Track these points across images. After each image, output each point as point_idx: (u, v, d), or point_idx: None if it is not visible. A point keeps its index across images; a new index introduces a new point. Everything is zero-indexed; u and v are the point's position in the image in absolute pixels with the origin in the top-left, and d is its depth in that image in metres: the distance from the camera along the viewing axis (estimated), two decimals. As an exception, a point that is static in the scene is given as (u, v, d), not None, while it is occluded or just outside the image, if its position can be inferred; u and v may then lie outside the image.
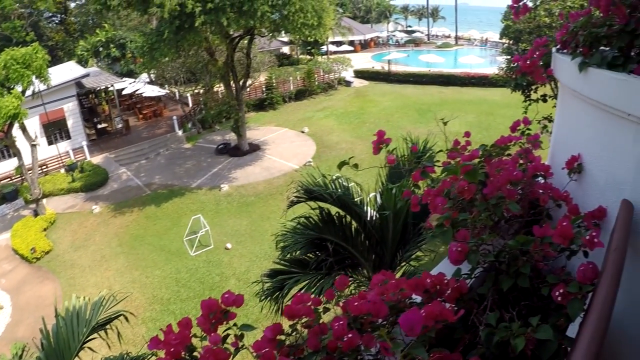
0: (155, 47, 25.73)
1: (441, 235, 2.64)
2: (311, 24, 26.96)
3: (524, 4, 3.70)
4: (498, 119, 37.79)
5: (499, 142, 3.53)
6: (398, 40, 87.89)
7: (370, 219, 9.15)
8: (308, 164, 31.27)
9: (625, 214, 2.47)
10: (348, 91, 51.86)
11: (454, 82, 51.93)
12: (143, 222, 25.70)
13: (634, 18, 2.84)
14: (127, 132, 38.59)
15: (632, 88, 2.47)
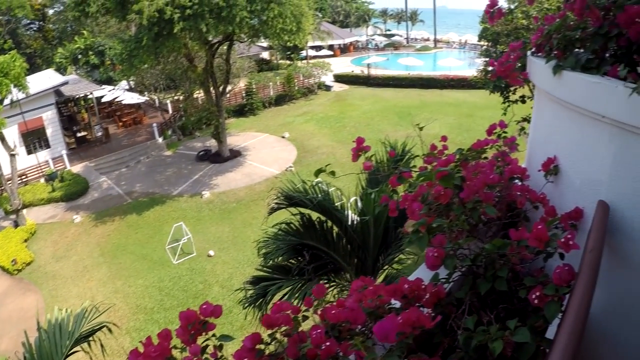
0: (134, 54, 25.59)
1: (417, 241, 2.64)
2: (290, 29, 26.99)
3: (498, 8, 3.74)
4: (478, 120, 38.07)
5: (475, 145, 3.55)
6: (377, 44, 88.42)
7: (351, 224, 9.17)
8: (289, 169, 31.24)
9: (601, 214, 2.49)
10: (328, 95, 51.95)
11: (433, 84, 52.30)
12: (125, 231, 25.49)
13: (608, 20, 2.88)
14: (107, 140, 38.24)
15: (606, 90, 2.50)
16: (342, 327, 2.24)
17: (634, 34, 2.61)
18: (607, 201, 2.61)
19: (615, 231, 2.57)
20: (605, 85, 2.51)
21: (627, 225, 2.53)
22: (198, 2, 23.37)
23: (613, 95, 2.42)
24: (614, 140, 2.54)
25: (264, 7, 25.30)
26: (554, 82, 2.96)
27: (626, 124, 2.40)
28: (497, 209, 3.03)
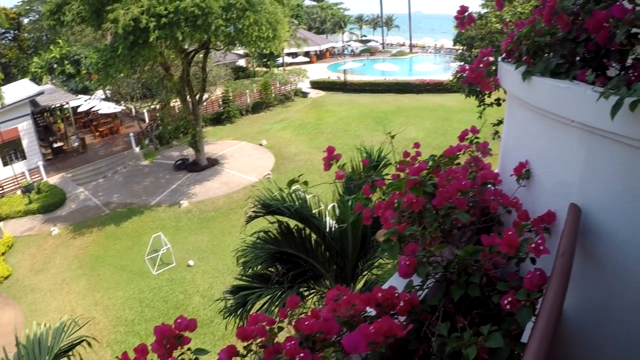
0: (109, 63, 25.40)
1: (389, 250, 2.65)
2: (266, 37, 26.99)
3: (468, 15, 3.77)
4: (454, 124, 38.41)
5: (447, 152, 3.58)
6: (353, 50, 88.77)
7: (329, 230, 9.18)
8: (267, 177, 31.22)
9: (573, 217, 2.52)
10: (305, 102, 52.01)
11: (409, 89, 52.68)
12: (103, 243, 25.24)
13: (576, 26, 2.92)
14: (84, 151, 37.82)
15: (574, 95, 2.53)
16: (316, 337, 2.24)
17: (602, 39, 2.65)
18: (579, 204, 2.64)
19: (587, 233, 2.61)
20: (573, 90, 2.55)
21: (598, 227, 2.57)
22: (173, 11, 23.29)
23: (581, 100, 2.46)
24: (583, 144, 2.58)
25: (239, 15, 25.28)
26: (523, 87, 3.00)
27: (595, 127, 2.43)
28: (471, 214, 3.06)
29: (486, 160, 3.65)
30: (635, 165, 2.38)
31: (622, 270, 2.49)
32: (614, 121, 2.21)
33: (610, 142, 2.42)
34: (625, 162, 2.42)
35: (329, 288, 9.41)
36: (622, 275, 2.49)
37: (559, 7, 2.97)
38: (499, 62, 3.65)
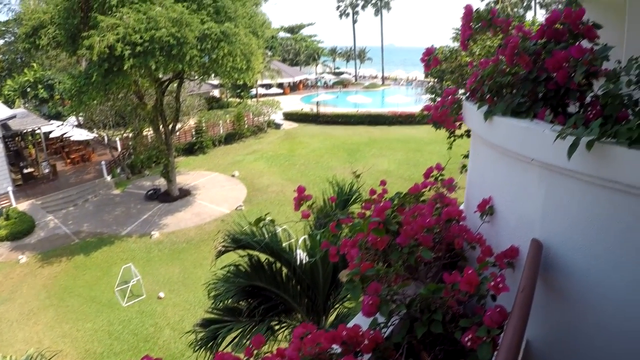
0: (83, 90, 25.25)
1: (351, 290, 2.69)
2: (240, 68, 27.10)
3: (434, 57, 3.88)
4: (426, 155, 38.84)
5: (412, 190, 3.63)
6: (326, 82, 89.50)
7: (300, 264, 9.17)
8: (239, 208, 31.10)
9: (534, 252, 2.59)
10: (278, 134, 52.14)
11: (381, 121, 53.27)
12: (72, 272, 24.76)
13: (537, 65, 3.02)
14: (55, 178, 37.18)
15: (533, 135, 2.62)
16: (280, 376, 2.24)
17: (561, 78, 2.75)
18: (541, 239, 2.71)
19: (549, 267, 2.68)
20: (532, 129, 2.64)
21: (560, 261, 2.64)
22: (149, 40, 23.31)
23: (540, 139, 2.55)
24: (543, 181, 2.66)
25: (214, 45, 25.39)
26: (486, 126, 3.09)
27: (554, 165, 2.52)
28: (436, 250, 3.11)
29: (454, 194, 3.71)
30: (592, 200, 2.47)
31: (584, 301, 2.56)
32: (571, 159, 2.29)
33: (568, 179, 2.51)
34: (583, 198, 2.51)
35: (300, 321, 9.38)
36: (584, 306, 2.57)
37: (521, 47, 3.08)
38: (464, 101, 3.75)
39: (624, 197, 2.32)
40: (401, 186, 18.25)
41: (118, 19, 23.35)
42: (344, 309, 9.75)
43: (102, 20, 23.20)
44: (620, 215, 2.38)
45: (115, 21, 23.18)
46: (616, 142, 2.25)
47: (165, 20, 23.50)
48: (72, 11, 25.56)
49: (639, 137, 2.19)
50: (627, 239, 2.37)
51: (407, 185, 3.70)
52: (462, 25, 3.89)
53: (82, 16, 25.64)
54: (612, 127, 2.29)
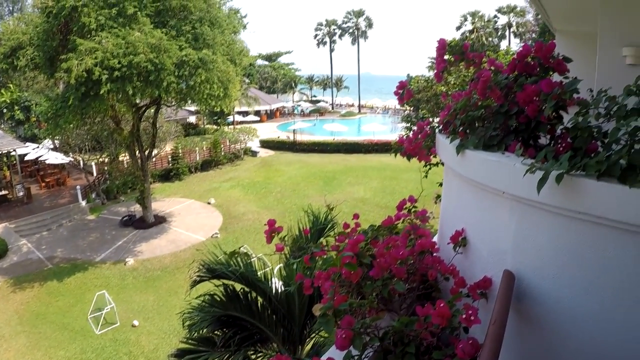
0: (59, 113, 25.09)
1: (324, 325, 2.69)
2: (217, 95, 27.14)
3: (407, 90, 3.94)
4: (402, 182, 39.08)
5: (385, 223, 3.66)
6: (303, 110, 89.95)
7: (275, 293, 9.13)
8: (215, 236, 30.94)
9: (506, 284, 2.62)
10: (254, 161, 52.14)
11: (358, 149, 53.63)
12: (45, 298, 24.30)
13: (509, 99, 3.08)
14: (29, 201, 36.62)
15: (504, 168, 2.67)
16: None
17: (532, 112, 2.81)
18: (513, 270, 2.75)
19: (522, 297, 2.72)
20: (503, 163, 2.69)
21: (533, 291, 2.68)
22: (127, 65, 23.25)
23: (511, 172, 2.60)
24: (514, 213, 2.71)
25: (191, 72, 25.41)
26: (458, 160, 3.14)
27: (524, 198, 2.57)
28: (410, 280, 3.13)
29: (431, 222, 3.75)
30: (562, 232, 2.52)
31: (557, 330, 2.60)
32: (541, 192, 2.34)
33: (539, 211, 2.56)
34: (553, 229, 2.56)
35: (276, 351, 9.31)
36: (557, 334, 2.61)
37: (493, 81, 3.14)
38: (437, 134, 3.80)
39: (594, 228, 2.37)
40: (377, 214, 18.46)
41: (97, 43, 23.31)
42: (320, 339, 9.69)
43: (81, 43, 23.13)
44: (590, 246, 2.43)
45: (94, 45, 23.13)
46: (585, 175, 2.30)
47: (143, 45, 23.51)
48: (52, 33, 25.49)
49: (607, 170, 2.24)
50: (598, 268, 2.42)
51: (384, 213, 3.74)
52: (436, 58, 3.97)
53: (61, 39, 25.61)
54: (581, 159, 2.34)
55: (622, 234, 2.29)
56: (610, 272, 2.39)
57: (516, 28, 74.13)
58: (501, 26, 77.66)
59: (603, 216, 2.30)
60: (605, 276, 2.41)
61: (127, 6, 24.26)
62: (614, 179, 2.24)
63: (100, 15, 23.99)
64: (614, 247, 2.36)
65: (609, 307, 2.42)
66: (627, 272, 2.34)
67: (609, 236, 2.35)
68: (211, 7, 27.87)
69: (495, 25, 78.08)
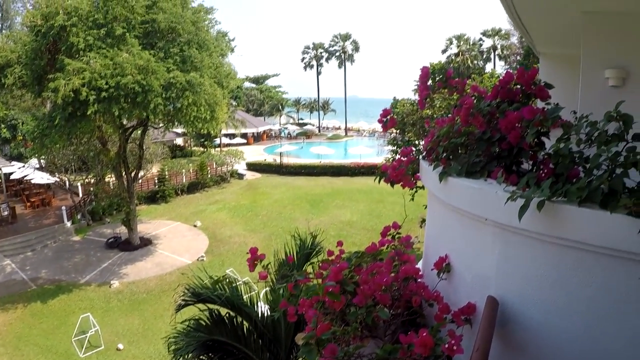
0: (46, 133, 24.93)
1: (307, 354, 2.69)
2: (204, 117, 27.16)
3: (390, 117, 3.97)
4: (388, 205, 39.10)
5: (369, 249, 3.67)
6: (290, 132, 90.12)
7: (262, 317, 9.06)
8: (200, 259, 30.73)
9: (489, 310, 2.63)
10: (241, 184, 52.01)
11: (344, 172, 53.63)
12: (28, 320, 23.93)
13: (491, 126, 3.12)
14: (13, 221, 36.20)
15: (486, 195, 2.70)
16: None
17: (514, 139, 2.84)
18: (496, 295, 2.77)
19: (506, 323, 2.73)
20: (485, 191, 2.72)
21: (517, 316, 2.70)
22: (114, 86, 23.19)
23: (493, 200, 2.63)
24: (497, 239, 2.73)
25: (179, 94, 25.40)
26: (441, 187, 3.17)
27: (506, 225, 2.58)
28: (395, 306, 3.13)
29: (417, 245, 3.76)
30: (545, 257, 2.55)
31: (541, 355, 2.63)
32: (523, 219, 2.36)
33: (521, 237, 2.59)
34: (536, 255, 2.59)
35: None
36: (540, 358, 2.60)
37: (475, 108, 3.18)
38: (420, 160, 3.83)
39: (577, 254, 2.41)
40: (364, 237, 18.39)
41: (85, 64, 23.26)
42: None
43: (69, 63, 23.09)
44: (573, 271, 2.47)
45: (82, 65, 23.09)
46: (567, 201, 2.32)
47: (131, 67, 23.50)
48: (40, 52, 25.43)
49: (588, 196, 2.27)
50: (581, 293, 2.45)
51: (370, 235, 3.74)
52: (419, 86, 4.02)
53: (49, 58, 25.55)
54: (563, 185, 2.37)
55: (604, 258, 2.33)
56: (593, 297, 2.42)
57: (501, 51, 74.79)
58: (486, 49, 78.39)
59: (585, 242, 2.33)
60: (589, 301, 2.44)
61: (115, 27, 24.28)
62: (595, 204, 2.27)
63: (88, 35, 23.98)
64: (597, 272, 2.39)
65: (593, 331, 2.44)
66: (610, 297, 2.37)
67: (592, 261, 2.38)
68: (199, 30, 27.95)
69: (481, 48, 78.89)
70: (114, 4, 24.21)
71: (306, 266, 9.36)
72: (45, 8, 24.70)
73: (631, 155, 2.28)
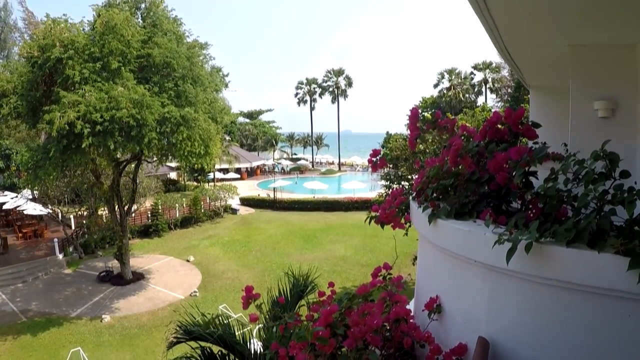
0: (40, 164, 24.87)
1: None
2: (198, 152, 27.25)
3: (380, 158, 4.01)
4: (382, 240, 38.98)
5: (359, 291, 3.67)
6: (284, 167, 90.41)
7: (255, 355, 8.96)
8: (193, 294, 30.48)
9: (480, 350, 2.64)
10: (234, 219, 51.89)
11: (338, 207, 53.64)
12: (17, 353, 23.52)
13: (480, 166, 3.15)
14: (5, 252, 35.91)
15: (475, 238, 2.73)
16: None
17: (502, 180, 2.87)
18: (487, 336, 2.77)
19: (497, 362, 2.72)
20: (474, 233, 2.74)
21: (507, 357, 2.71)
22: (109, 119, 23.25)
23: (481, 242, 2.66)
24: (486, 281, 2.75)
25: (173, 129, 25.48)
26: (430, 229, 3.20)
27: (495, 266, 2.60)
28: (387, 347, 3.12)
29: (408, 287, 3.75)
30: (534, 298, 2.57)
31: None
32: (511, 261, 2.38)
33: (510, 278, 2.61)
34: (525, 295, 2.61)
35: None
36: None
37: (464, 150, 3.22)
38: (410, 200, 3.85)
39: (566, 293, 2.44)
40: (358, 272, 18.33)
41: (80, 96, 23.32)
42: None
43: (64, 96, 23.17)
44: (563, 311, 2.48)
45: (77, 98, 23.15)
46: (555, 242, 2.35)
47: (126, 100, 23.60)
48: (36, 84, 25.49)
49: (576, 236, 2.29)
50: (571, 332, 2.46)
51: (364, 270, 3.73)
52: (409, 126, 4.07)
53: (45, 90, 25.61)
54: (551, 225, 2.39)
55: (594, 298, 2.35)
56: (583, 336, 2.44)
57: (492, 84, 75.53)
58: (477, 82, 79.32)
59: (575, 282, 2.35)
60: (579, 340, 2.45)
61: (111, 61, 24.44)
62: (583, 244, 2.29)
63: (84, 68, 24.10)
64: (587, 311, 2.41)
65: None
66: (599, 335, 2.39)
67: (582, 301, 2.40)
68: (194, 65, 28.17)
69: (472, 82, 79.82)
70: (110, 38, 24.39)
71: (299, 304, 9.31)
72: (42, 40, 24.93)
73: (618, 193, 2.31)
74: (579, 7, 4.49)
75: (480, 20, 5.12)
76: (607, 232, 2.28)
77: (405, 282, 3.93)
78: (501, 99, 71.19)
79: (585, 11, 4.58)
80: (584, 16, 4.77)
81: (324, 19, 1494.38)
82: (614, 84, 5.28)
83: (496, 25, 5.27)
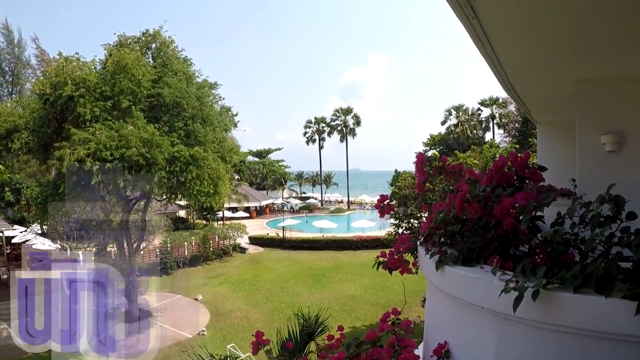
0: (49, 200, 25.14)
1: None
2: (207, 191, 27.36)
3: (387, 204, 4.04)
4: (392, 279, 38.23)
5: (368, 337, 3.67)
6: (293, 206, 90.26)
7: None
8: (201, 333, 30.26)
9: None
10: (243, 258, 51.68)
11: (347, 246, 53.29)
12: (23, 389, 23.46)
13: (487, 211, 3.17)
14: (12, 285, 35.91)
15: (482, 285, 2.74)
16: None
17: (508, 225, 2.88)
18: (497, 384, 2.75)
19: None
20: (481, 280, 2.75)
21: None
22: (119, 157, 23.51)
23: (489, 289, 2.66)
24: (494, 327, 2.74)
25: (182, 168, 25.69)
26: (438, 275, 3.21)
27: (503, 314, 2.60)
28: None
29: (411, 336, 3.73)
30: (543, 344, 2.56)
31: None
32: (519, 308, 2.38)
33: (518, 325, 2.60)
34: (534, 341, 2.61)
35: None
36: None
37: (471, 194, 3.24)
38: (418, 246, 3.86)
39: (574, 339, 2.43)
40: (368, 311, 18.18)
41: (90, 134, 23.59)
42: None
43: (75, 133, 23.42)
44: (572, 357, 2.47)
45: (88, 136, 23.41)
46: (562, 288, 2.35)
47: (136, 139, 23.84)
48: (47, 120, 25.79)
49: (583, 282, 2.30)
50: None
51: (375, 310, 3.72)
52: (416, 171, 4.11)
53: (56, 126, 25.84)
54: (558, 271, 2.40)
55: (603, 343, 2.35)
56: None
57: (499, 119, 75.69)
58: (485, 118, 79.57)
59: (583, 327, 2.35)
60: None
61: (122, 100, 24.77)
62: (590, 290, 2.30)
63: (95, 107, 24.41)
64: (596, 356, 2.39)
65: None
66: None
67: (591, 346, 2.40)
68: (204, 105, 28.49)
69: (479, 118, 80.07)
70: (121, 78, 24.77)
71: (308, 348, 9.22)
72: (54, 77, 25.33)
73: (625, 236, 2.32)
74: (583, 44, 4.55)
75: (485, 59, 5.18)
76: (614, 277, 2.29)
77: (414, 323, 3.92)
78: (509, 134, 71.32)
79: (590, 48, 4.63)
80: (589, 53, 4.82)
81: (333, 59, 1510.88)
82: (620, 117, 5.30)
83: (501, 64, 5.33)
